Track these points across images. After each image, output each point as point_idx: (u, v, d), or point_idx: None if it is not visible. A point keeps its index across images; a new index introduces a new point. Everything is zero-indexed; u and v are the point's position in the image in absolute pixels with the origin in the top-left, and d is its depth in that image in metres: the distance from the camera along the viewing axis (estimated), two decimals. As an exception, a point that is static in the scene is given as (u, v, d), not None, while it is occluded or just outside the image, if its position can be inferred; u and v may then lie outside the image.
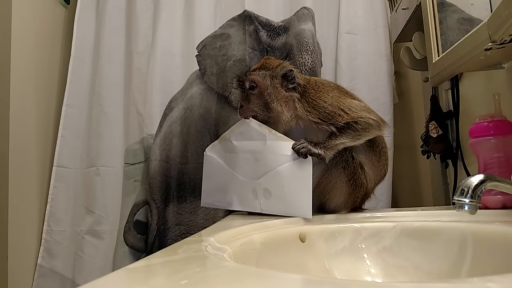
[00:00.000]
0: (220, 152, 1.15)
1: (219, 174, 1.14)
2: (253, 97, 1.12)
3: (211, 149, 1.18)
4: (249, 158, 1.08)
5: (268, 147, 1.05)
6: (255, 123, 1.09)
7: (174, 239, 1.59)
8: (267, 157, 1.05)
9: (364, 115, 1.06)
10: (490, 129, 0.89)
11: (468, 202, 0.65)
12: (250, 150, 1.08)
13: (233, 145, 1.11)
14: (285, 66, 1.13)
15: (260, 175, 1.05)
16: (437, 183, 1.45)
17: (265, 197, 1.04)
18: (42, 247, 1.62)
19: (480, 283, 0.37)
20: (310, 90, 1.11)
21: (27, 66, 1.59)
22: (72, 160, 1.69)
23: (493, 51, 0.77)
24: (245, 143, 1.09)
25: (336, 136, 1.03)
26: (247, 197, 1.07)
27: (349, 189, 1.05)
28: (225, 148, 1.14)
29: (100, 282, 0.41)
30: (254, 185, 1.06)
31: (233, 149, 1.12)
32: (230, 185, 1.11)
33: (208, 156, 1.18)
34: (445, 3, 1.10)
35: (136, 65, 1.75)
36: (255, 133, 1.08)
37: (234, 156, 1.11)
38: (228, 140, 1.13)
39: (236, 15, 1.72)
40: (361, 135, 1.04)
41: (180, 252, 0.59)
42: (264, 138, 1.06)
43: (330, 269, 0.82)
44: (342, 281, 0.66)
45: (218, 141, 1.17)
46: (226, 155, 1.14)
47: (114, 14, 1.77)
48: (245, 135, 1.09)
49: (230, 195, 1.11)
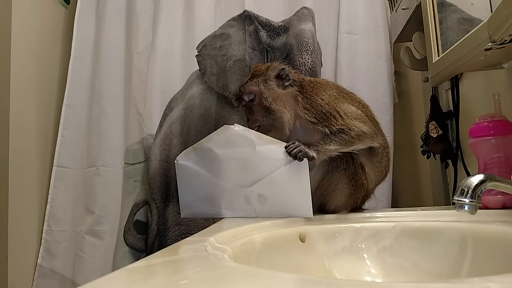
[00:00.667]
0: (196, 160, 1.06)
1: (198, 183, 1.06)
2: (255, 107, 1.11)
3: (183, 157, 1.09)
4: (236, 165, 1.02)
5: (258, 153, 1.00)
6: (241, 128, 1.03)
7: (174, 239, 1.59)
8: (257, 163, 1.00)
9: (358, 124, 1.05)
10: (490, 129, 0.89)
11: (468, 202, 0.65)
12: (236, 158, 1.02)
13: (214, 153, 1.03)
14: (275, 66, 1.12)
15: (251, 182, 1.01)
16: (437, 183, 1.45)
17: (260, 203, 1.00)
18: (42, 247, 1.62)
19: (480, 283, 0.37)
20: (307, 87, 1.11)
21: (27, 66, 1.59)
22: (72, 160, 1.69)
23: (493, 51, 0.77)
24: (229, 150, 1.02)
25: (330, 140, 1.02)
26: (239, 203, 1.02)
27: (350, 190, 1.05)
28: (203, 156, 1.06)
29: (100, 282, 0.41)
30: (245, 192, 1.01)
31: (215, 158, 1.03)
32: (215, 194, 1.04)
33: (180, 166, 1.09)
34: (445, 3, 1.10)
35: (136, 65, 1.75)
36: (241, 139, 1.01)
37: (217, 165, 1.03)
38: (208, 149, 1.04)
39: (236, 15, 1.73)
40: (354, 142, 1.03)
41: (180, 252, 0.59)
42: (252, 144, 1.00)
43: (330, 269, 0.82)
44: (342, 281, 0.66)
45: (192, 149, 1.08)
46: (206, 163, 1.05)
47: (114, 14, 1.77)
48: (229, 143, 1.02)
49: (217, 204, 1.04)
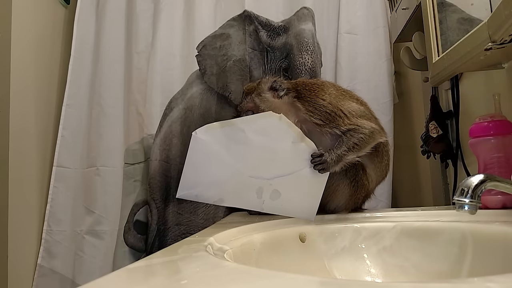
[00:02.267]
0: (219, 139, 0.97)
1: (210, 163, 0.97)
2: None
3: (204, 131, 0.97)
4: (264, 155, 0.97)
5: (291, 149, 0.97)
6: (286, 121, 0.97)
7: (174, 239, 1.59)
8: (286, 159, 0.98)
9: (366, 122, 1.04)
10: (490, 129, 0.89)
11: (468, 202, 0.65)
12: (267, 148, 0.97)
13: (245, 136, 0.96)
14: (267, 80, 1.12)
15: (272, 175, 0.97)
16: (437, 183, 1.45)
17: (271, 198, 0.97)
18: (42, 247, 1.62)
19: (480, 283, 0.37)
20: (303, 91, 1.09)
21: (27, 66, 1.59)
22: (72, 160, 1.69)
23: (493, 51, 0.77)
24: (264, 138, 0.97)
25: (347, 151, 1.00)
26: (247, 195, 0.98)
27: (351, 191, 1.05)
28: (229, 135, 0.97)
29: (100, 282, 0.41)
30: (261, 185, 0.97)
31: (243, 141, 0.96)
32: (227, 179, 0.97)
33: (198, 139, 0.96)
34: (445, 3, 1.10)
35: (136, 65, 1.75)
36: (281, 131, 0.97)
37: (243, 149, 0.97)
38: (239, 129, 0.97)
39: (236, 15, 1.72)
40: (369, 142, 1.03)
41: (180, 252, 0.59)
42: (290, 140, 0.97)
43: (330, 269, 0.82)
44: (342, 281, 0.66)
45: (219, 125, 0.98)
46: (229, 144, 0.97)
47: (114, 14, 1.77)
48: (266, 130, 0.97)
49: (224, 190, 0.98)
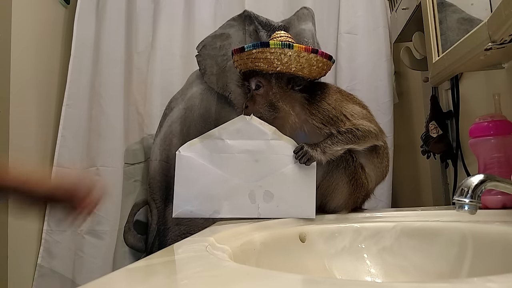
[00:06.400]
0: (202, 152, 1.01)
1: (199, 177, 1.01)
2: (258, 97, 1.09)
3: (187, 148, 1.02)
4: (247, 158, 1.00)
5: (271, 147, 0.99)
6: (257, 120, 1.01)
7: (174, 239, 1.59)
8: (269, 157, 0.99)
9: (365, 123, 1.06)
10: (490, 129, 0.89)
11: (468, 202, 0.65)
12: (248, 150, 1.00)
13: (226, 144, 1.01)
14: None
15: (260, 177, 0.99)
16: (437, 183, 1.45)
17: (265, 200, 0.98)
18: (42, 247, 1.62)
19: (480, 283, 0.37)
20: (317, 91, 1.10)
21: (27, 66, 1.59)
22: (72, 160, 1.69)
23: (493, 51, 0.77)
24: (242, 142, 1.00)
25: (338, 140, 1.02)
26: (242, 202, 0.99)
27: (350, 190, 1.05)
28: (210, 147, 1.02)
29: (100, 282, 0.41)
30: (251, 188, 0.99)
31: (225, 149, 1.00)
32: (218, 189, 0.99)
33: (182, 156, 1.01)
34: (445, 3, 1.10)
35: (136, 65, 1.75)
36: (256, 131, 1.00)
37: (226, 157, 1.00)
38: (218, 139, 1.01)
39: (236, 15, 1.72)
40: (360, 141, 1.04)
41: (180, 252, 0.59)
42: (266, 137, 1.00)
43: (330, 269, 0.81)
44: (342, 281, 0.66)
45: (199, 140, 1.03)
46: (213, 156, 1.01)
47: (114, 14, 1.77)
48: (242, 134, 1.01)
49: (217, 201, 0.99)
